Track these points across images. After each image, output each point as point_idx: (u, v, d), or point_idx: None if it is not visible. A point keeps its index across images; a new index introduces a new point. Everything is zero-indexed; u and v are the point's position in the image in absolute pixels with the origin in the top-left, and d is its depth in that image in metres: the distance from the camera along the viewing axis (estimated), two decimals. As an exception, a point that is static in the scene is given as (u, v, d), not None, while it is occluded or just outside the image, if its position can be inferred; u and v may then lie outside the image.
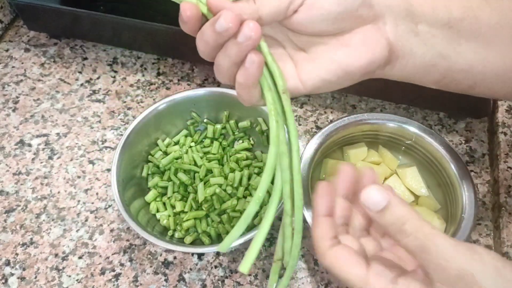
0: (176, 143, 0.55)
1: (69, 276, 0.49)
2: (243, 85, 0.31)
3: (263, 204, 0.49)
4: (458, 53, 0.34)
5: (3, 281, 0.49)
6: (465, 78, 0.35)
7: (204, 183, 0.50)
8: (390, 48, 0.32)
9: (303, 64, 0.33)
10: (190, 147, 0.54)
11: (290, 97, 0.33)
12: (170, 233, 0.49)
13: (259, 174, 0.51)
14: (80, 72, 0.66)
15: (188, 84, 0.64)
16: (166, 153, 0.53)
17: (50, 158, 0.58)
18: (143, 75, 0.65)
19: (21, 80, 0.65)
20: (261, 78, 0.32)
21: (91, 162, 0.57)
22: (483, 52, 0.34)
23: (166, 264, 0.50)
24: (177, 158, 0.52)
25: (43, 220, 0.53)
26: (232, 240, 0.33)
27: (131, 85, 0.64)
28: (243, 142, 0.54)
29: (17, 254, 0.50)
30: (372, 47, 0.32)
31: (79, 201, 0.54)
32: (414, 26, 0.33)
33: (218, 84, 0.64)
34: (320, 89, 0.33)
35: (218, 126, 0.54)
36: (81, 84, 0.64)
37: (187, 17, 0.31)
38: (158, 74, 0.65)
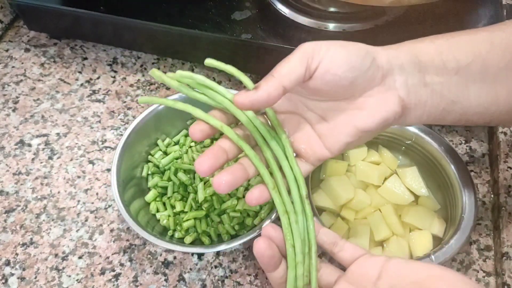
0: (176, 143, 0.55)
1: (69, 276, 0.49)
2: None
3: (263, 204, 0.49)
4: (468, 97, 0.35)
5: (3, 281, 0.49)
6: (481, 117, 0.36)
7: (204, 183, 0.50)
8: (403, 104, 0.34)
9: (326, 134, 0.36)
10: (190, 147, 0.54)
11: (320, 163, 0.37)
12: (170, 233, 0.49)
13: (259, 174, 0.51)
14: (80, 72, 0.66)
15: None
16: (166, 153, 0.53)
17: (50, 158, 0.58)
18: (143, 75, 0.65)
19: (21, 80, 0.65)
20: (277, 198, 0.35)
21: (91, 162, 0.57)
22: (493, 93, 0.35)
23: (166, 264, 0.50)
24: (177, 158, 0.52)
25: (43, 220, 0.53)
26: None
27: (131, 85, 0.64)
28: (243, 142, 0.54)
29: (17, 254, 0.50)
30: (384, 106, 0.34)
31: (79, 201, 0.54)
32: (422, 78, 0.34)
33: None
34: (345, 150, 0.37)
35: (218, 126, 0.54)
36: (81, 84, 0.64)
37: (197, 140, 0.35)
38: (158, 74, 0.65)
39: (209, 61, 0.36)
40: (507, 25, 0.35)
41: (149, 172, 0.52)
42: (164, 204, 0.50)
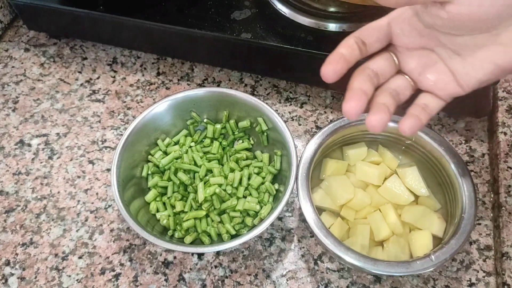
0: (176, 143, 0.55)
1: (69, 276, 0.49)
2: None
3: (263, 204, 0.49)
4: None
5: (3, 281, 0.49)
6: None
7: (204, 183, 0.50)
8: None
9: (459, 70, 0.34)
10: (190, 147, 0.54)
11: (451, 99, 0.35)
12: (170, 233, 0.49)
13: (259, 174, 0.51)
14: (79, 72, 0.66)
15: (188, 84, 0.64)
16: (166, 153, 0.53)
17: (50, 158, 0.57)
18: (143, 75, 0.65)
19: (21, 80, 0.65)
20: None
21: (91, 162, 0.57)
22: None
23: (166, 264, 0.50)
24: (177, 158, 0.52)
25: (43, 220, 0.53)
26: None
27: (131, 85, 0.64)
28: (243, 142, 0.54)
29: (17, 254, 0.50)
30: None
31: (79, 201, 0.54)
32: None
33: (218, 84, 0.64)
34: (476, 88, 0.34)
35: (218, 126, 0.54)
36: (81, 84, 0.64)
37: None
38: (158, 74, 0.65)
39: None
40: None
41: (149, 172, 0.52)
42: (164, 204, 0.50)
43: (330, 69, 0.34)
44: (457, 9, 0.30)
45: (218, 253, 0.50)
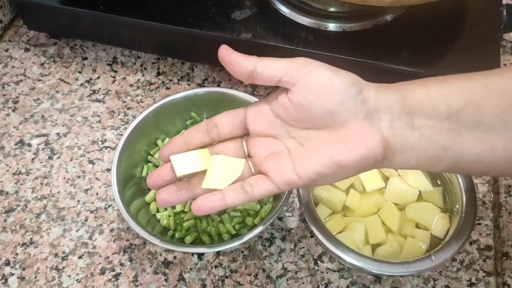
0: (176, 143, 0.54)
1: (69, 276, 0.49)
2: None
3: (263, 204, 0.49)
4: (461, 144, 0.33)
5: (3, 281, 0.49)
6: (476, 167, 0.34)
7: (204, 183, 0.50)
8: (385, 144, 0.33)
9: (300, 159, 0.35)
10: (190, 147, 0.53)
11: (287, 189, 0.35)
12: (170, 233, 0.49)
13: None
14: (80, 72, 0.66)
15: (188, 84, 0.64)
16: (166, 153, 0.53)
17: (50, 158, 0.57)
18: (143, 75, 0.65)
19: (21, 80, 0.65)
20: None
21: (91, 162, 0.57)
22: (489, 142, 0.32)
23: (166, 263, 0.50)
24: (177, 158, 0.52)
25: (43, 220, 0.53)
26: None
27: (131, 85, 0.64)
28: (243, 141, 0.54)
29: (17, 254, 0.50)
30: (365, 143, 0.33)
31: (79, 201, 0.54)
32: (410, 120, 0.33)
33: (218, 84, 0.64)
34: (316, 182, 0.35)
35: (218, 126, 0.54)
36: (81, 84, 0.64)
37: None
38: (158, 73, 0.65)
39: None
40: (504, 71, 0.34)
41: (149, 172, 0.52)
42: (164, 204, 0.50)
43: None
44: (296, 98, 0.34)
45: (218, 253, 0.50)
